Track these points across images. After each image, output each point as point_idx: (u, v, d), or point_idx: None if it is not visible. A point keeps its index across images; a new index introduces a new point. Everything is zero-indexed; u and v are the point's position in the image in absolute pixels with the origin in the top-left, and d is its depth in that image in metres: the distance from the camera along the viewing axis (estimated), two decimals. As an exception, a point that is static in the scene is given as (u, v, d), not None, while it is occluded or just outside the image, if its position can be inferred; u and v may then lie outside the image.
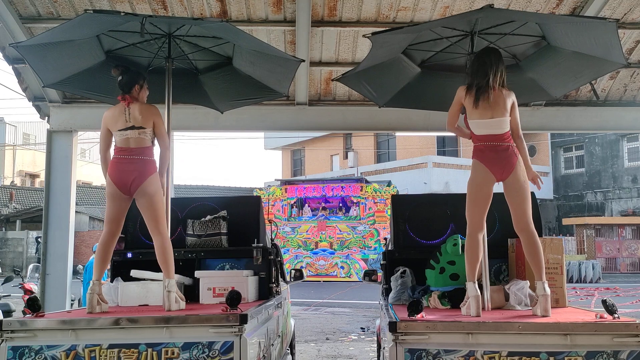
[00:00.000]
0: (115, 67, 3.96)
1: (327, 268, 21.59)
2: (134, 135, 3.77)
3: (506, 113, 3.60)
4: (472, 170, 3.63)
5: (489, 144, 3.57)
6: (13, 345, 3.02)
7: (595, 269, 22.43)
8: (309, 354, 8.40)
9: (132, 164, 3.76)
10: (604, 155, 28.86)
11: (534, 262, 3.50)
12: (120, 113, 3.81)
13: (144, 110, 3.82)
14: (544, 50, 4.13)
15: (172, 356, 3.00)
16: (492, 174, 3.55)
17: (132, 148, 3.77)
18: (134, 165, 3.76)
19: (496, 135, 3.57)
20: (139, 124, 3.78)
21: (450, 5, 5.90)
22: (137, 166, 3.76)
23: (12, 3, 5.77)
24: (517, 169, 3.55)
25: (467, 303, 3.43)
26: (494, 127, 3.58)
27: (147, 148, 3.82)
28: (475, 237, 3.55)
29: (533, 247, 3.51)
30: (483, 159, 3.57)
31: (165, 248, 3.78)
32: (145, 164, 3.79)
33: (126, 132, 3.78)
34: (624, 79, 7.05)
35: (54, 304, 6.38)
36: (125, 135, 3.78)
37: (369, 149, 31.70)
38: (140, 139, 3.79)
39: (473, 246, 3.54)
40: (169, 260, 3.78)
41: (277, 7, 5.87)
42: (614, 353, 2.84)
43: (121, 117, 3.79)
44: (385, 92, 4.71)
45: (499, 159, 3.55)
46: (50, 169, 6.85)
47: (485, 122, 3.59)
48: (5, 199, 32.04)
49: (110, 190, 3.78)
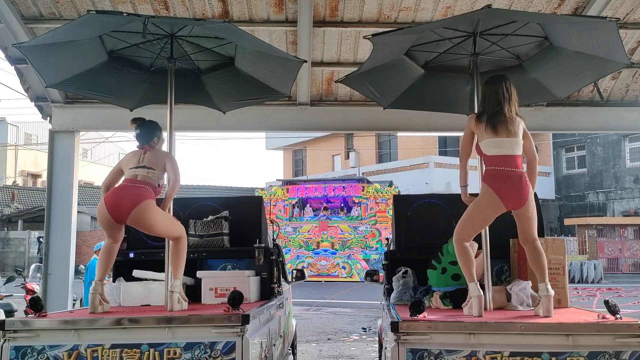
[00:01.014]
0: (132, 121, 4.03)
1: (328, 268, 21.59)
2: (142, 172, 3.83)
3: (519, 135, 3.53)
4: (481, 195, 3.52)
5: (502, 170, 3.44)
6: (15, 345, 3.03)
7: (597, 270, 22.41)
8: (310, 354, 8.40)
9: (128, 190, 3.73)
10: (606, 156, 28.84)
11: (537, 268, 3.51)
12: (135, 156, 3.92)
13: (158, 156, 3.93)
14: (547, 51, 4.13)
15: (174, 356, 3.00)
16: (502, 204, 3.43)
17: (136, 179, 3.80)
18: (129, 191, 3.72)
19: (508, 157, 3.45)
20: (150, 165, 3.86)
21: (451, 5, 5.90)
22: (131, 192, 3.71)
23: (15, 3, 5.78)
24: (529, 201, 3.46)
25: (469, 303, 3.43)
26: (506, 147, 3.47)
27: (150, 184, 3.81)
28: (463, 246, 3.54)
29: (537, 258, 3.51)
30: (495, 187, 3.43)
31: (179, 248, 3.83)
32: (142, 191, 3.73)
33: (136, 170, 3.84)
34: (625, 79, 7.04)
35: (56, 304, 6.38)
36: (135, 172, 3.83)
37: (370, 149, 31.70)
38: (147, 176, 3.83)
39: (463, 253, 3.53)
40: (181, 262, 3.82)
41: (278, 7, 5.88)
42: (616, 354, 2.84)
43: (135, 158, 3.89)
44: (389, 93, 4.70)
45: (512, 188, 3.42)
46: (52, 169, 6.87)
47: (498, 141, 3.47)
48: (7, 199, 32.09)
49: (101, 218, 3.71)
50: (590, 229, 26.52)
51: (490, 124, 3.49)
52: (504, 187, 3.42)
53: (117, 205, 3.67)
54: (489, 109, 3.55)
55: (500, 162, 3.46)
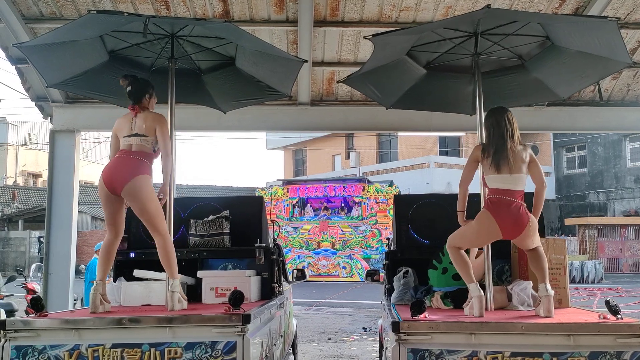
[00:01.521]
0: (123, 78, 3.96)
1: (329, 268, 21.60)
2: (135, 141, 3.80)
3: (524, 170, 3.59)
4: (479, 220, 3.57)
5: (503, 199, 3.50)
6: (16, 345, 3.03)
7: (597, 270, 22.40)
8: (311, 353, 8.40)
9: (124, 161, 3.74)
10: (607, 156, 28.83)
11: (538, 269, 3.54)
12: (127, 121, 3.87)
13: (149, 119, 3.85)
14: (549, 50, 4.12)
15: (175, 356, 3.00)
16: (500, 231, 3.49)
17: (131, 151, 3.79)
18: (125, 162, 3.74)
19: (511, 191, 3.52)
20: (142, 132, 3.81)
21: (452, 5, 5.90)
22: (127, 163, 3.73)
23: (15, 3, 5.79)
24: (527, 230, 3.50)
25: (470, 303, 3.43)
26: (510, 183, 3.54)
27: (146, 153, 3.80)
28: (457, 252, 3.61)
29: (538, 260, 3.55)
30: (495, 213, 3.49)
31: (166, 248, 3.76)
32: (137, 163, 3.73)
33: (129, 139, 3.81)
34: (626, 79, 7.04)
35: (57, 304, 6.39)
36: (128, 141, 3.81)
37: (370, 149, 31.70)
38: (141, 145, 3.80)
39: (456, 256, 3.61)
40: (171, 261, 3.76)
41: (279, 7, 5.88)
42: (617, 354, 2.83)
43: (127, 125, 3.84)
44: (391, 93, 4.71)
45: (511, 217, 3.48)
46: (53, 169, 6.87)
47: (503, 177, 3.53)
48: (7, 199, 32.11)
49: (100, 190, 3.75)
50: (590, 228, 26.51)
51: (494, 162, 3.55)
52: (503, 214, 3.48)
53: (113, 177, 3.68)
54: (494, 143, 3.60)
55: (501, 193, 3.53)
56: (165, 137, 3.87)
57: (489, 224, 3.51)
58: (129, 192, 3.68)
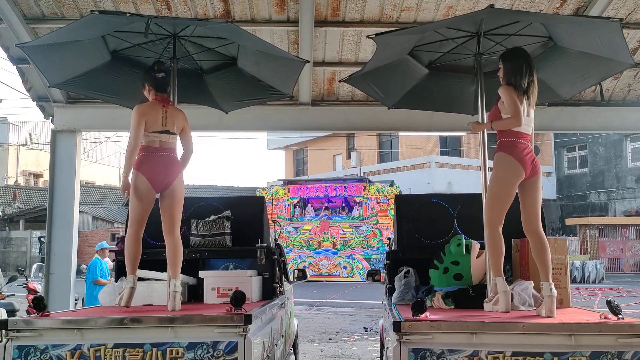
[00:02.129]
0: (159, 63, 4.03)
1: (330, 268, 21.60)
2: (166, 139, 3.88)
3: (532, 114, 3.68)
4: (500, 165, 3.59)
5: (522, 142, 3.57)
6: (19, 345, 3.03)
7: (598, 269, 22.41)
8: (312, 353, 8.41)
9: (169, 160, 3.86)
10: (608, 155, 28.80)
11: (541, 263, 3.51)
12: (156, 112, 3.87)
13: (180, 119, 3.98)
14: (552, 51, 4.12)
15: (176, 356, 3.00)
16: (523, 170, 3.54)
17: (163, 148, 3.87)
18: (170, 161, 3.86)
19: (527, 135, 3.62)
20: (173, 130, 3.92)
21: (453, 5, 5.90)
22: (173, 162, 3.88)
23: (17, 4, 5.80)
24: (540, 172, 3.62)
25: (494, 299, 3.44)
26: (528, 126, 3.63)
27: (174, 149, 3.95)
28: (498, 232, 3.58)
29: (542, 250, 3.52)
30: (515, 154, 3.54)
31: (178, 249, 3.85)
32: (178, 163, 3.93)
33: (160, 135, 3.85)
34: (627, 79, 7.04)
35: (58, 304, 6.40)
36: (159, 137, 3.85)
37: (371, 149, 31.69)
38: (173, 143, 3.94)
39: (497, 240, 3.57)
40: (178, 261, 3.83)
41: (280, 7, 5.88)
42: (618, 354, 2.83)
43: (157, 117, 3.86)
44: (393, 93, 4.71)
45: (530, 157, 3.57)
46: (54, 169, 6.88)
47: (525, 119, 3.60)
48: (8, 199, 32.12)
49: (141, 187, 3.76)
50: (591, 228, 26.51)
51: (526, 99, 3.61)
52: (523, 154, 3.54)
53: (161, 175, 3.78)
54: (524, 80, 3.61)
55: (520, 136, 3.59)
56: (190, 135, 4.09)
57: (512, 164, 3.53)
58: (172, 191, 3.83)
